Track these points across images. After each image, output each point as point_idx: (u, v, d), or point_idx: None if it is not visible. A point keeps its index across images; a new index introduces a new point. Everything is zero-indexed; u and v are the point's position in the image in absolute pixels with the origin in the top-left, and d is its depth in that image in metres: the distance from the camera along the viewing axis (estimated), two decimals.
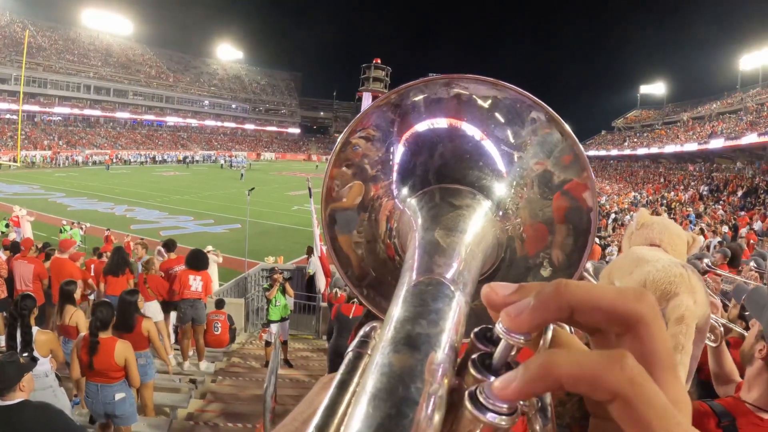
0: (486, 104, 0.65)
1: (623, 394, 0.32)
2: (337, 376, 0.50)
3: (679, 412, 0.33)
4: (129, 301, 6.33)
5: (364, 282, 0.73)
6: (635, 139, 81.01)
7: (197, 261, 9.51)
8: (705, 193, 40.60)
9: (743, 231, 22.89)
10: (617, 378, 0.32)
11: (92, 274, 10.08)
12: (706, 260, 5.86)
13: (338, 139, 0.69)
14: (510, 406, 0.35)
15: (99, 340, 5.29)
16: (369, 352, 0.53)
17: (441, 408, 0.36)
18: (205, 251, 10.85)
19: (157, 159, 79.95)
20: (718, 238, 19.33)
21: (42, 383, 5.14)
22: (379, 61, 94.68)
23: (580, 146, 0.62)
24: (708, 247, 17.06)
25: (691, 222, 27.73)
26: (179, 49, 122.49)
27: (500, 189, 0.65)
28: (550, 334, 0.38)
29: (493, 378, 0.36)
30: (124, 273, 9.11)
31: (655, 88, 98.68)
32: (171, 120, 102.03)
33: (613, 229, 31.01)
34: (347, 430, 0.33)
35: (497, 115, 0.64)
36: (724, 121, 58.71)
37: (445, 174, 0.66)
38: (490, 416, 0.35)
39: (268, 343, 10.13)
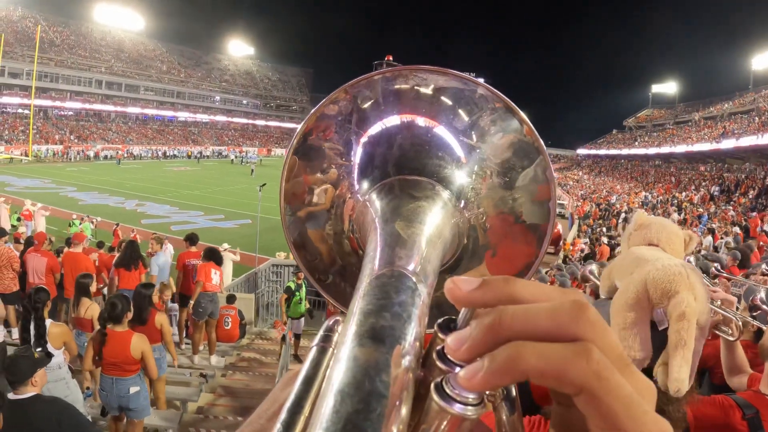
0: (444, 95, 0.65)
1: (589, 387, 0.32)
2: (302, 371, 0.49)
3: (644, 401, 0.33)
4: (144, 294, 6.39)
5: (327, 277, 0.73)
6: (646, 139, 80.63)
7: (216, 256, 9.63)
8: (716, 193, 40.36)
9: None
10: (583, 372, 0.32)
11: (103, 267, 10.14)
12: (716, 264, 5.87)
13: (295, 133, 0.69)
14: (476, 397, 0.35)
15: (108, 332, 5.33)
16: (333, 346, 0.52)
17: (408, 401, 0.36)
18: (221, 249, 10.93)
19: (167, 154, 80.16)
20: (728, 239, 19.24)
21: (55, 375, 5.20)
22: (390, 58, 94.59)
23: (538, 135, 0.62)
24: (717, 249, 17.00)
25: (701, 223, 27.59)
26: (190, 45, 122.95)
27: (460, 179, 0.64)
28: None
29: (458, 369, 0.36)
30: (137, 267, 9.16)
31: (667, 88, 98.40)
32: (182, 115, 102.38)
33: (623, 229, 30.86)
34: (314, 427, 0.32)
35: (455, 105, 0.64)
36: (736, 122, 58.31)
37: (404, 165, 0.66)
38: (457, 407, 0.34)
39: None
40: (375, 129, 0.68)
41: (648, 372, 1.63)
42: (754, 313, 3.31)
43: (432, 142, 0.66)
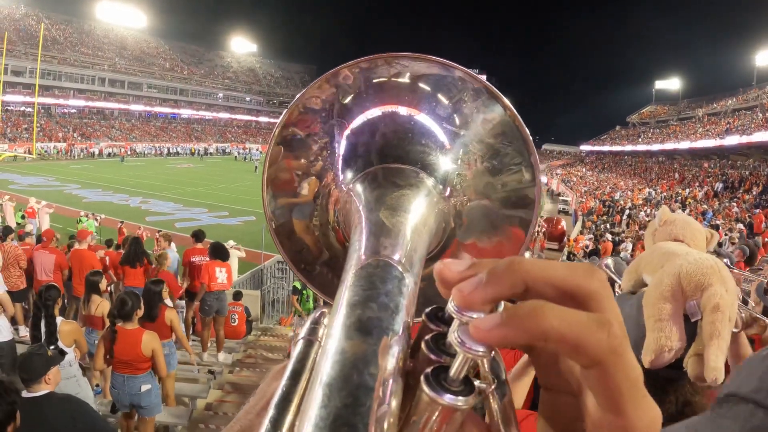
0: (426, 82, 0.65)
1: (605, 362, 0.32)
2: (289, 365, 0.48)
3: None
4: (154, 291, 6.39)
5: (314, 268, 0.72)
6: (650, 135, 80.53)
7: (221, 253, 9.61)
8: (720, 190, 40.31)
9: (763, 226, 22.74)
10: (602, 345, 0.31)
11: (109, 265, 10.17)
12: (725, 260, 5.86)
13: (277, 123, 0.69)
14: (468, 385, 0.35)
15: (117, 329, 5.35)
16: (319, 339, 0.51)
17: (398, 393, 0.35)
18: (227, 246, 10.94)
19: (171, 151, 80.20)
20: (733, 234, 19.22)
21: (66, 373, 5.21)
22: None
23: (521, 121, 0.61)
24: (721, 245, 16.98)
25: (705, 220, 27.57)
26: (193, 42, 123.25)
27: (445, 165, 0.64)
28: (501, 309, 0.36)
29: (447, 358, 0.36)
30: (142, 264, 9.18)
31: (670, 84, 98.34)
32: (185, 112, 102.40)
33: (627, 225, 30.88)
34: (303, 422, 0.32)
35: (438, 92, 0.64)
36: (740, 118, 58.19)
37: (387, 153, 0.65)
38: (447, 397, 0.34)
39: None
40: (357, 118, 0.67)
41: (678, 362, 1.65)
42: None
43: (415, 130, 0.65)
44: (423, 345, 0.38)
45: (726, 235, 20.06)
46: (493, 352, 0.36)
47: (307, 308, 11.05)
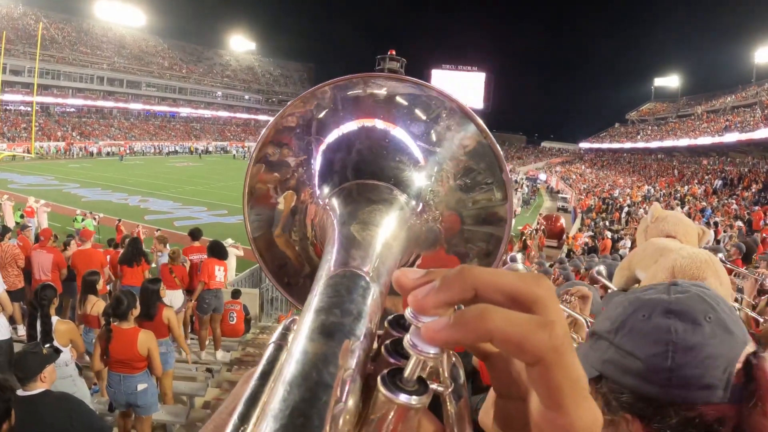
0: (401, 101, 0.67)
1: (546, 359, 0.33)
2: (258, 368, 0.50)
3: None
4: (152, 289, 6.39)
5: (297, 281, 0.73)
6: (649, 132, 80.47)
7: (219, 251, 9.62)
8: (719, 187, 40.29)
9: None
10: (544, 343, 0.33)
11: (109, 264, 10.18)
12: (720, 255, 5.88)
13: (258, 140, 0.71)
14: (421, 386, 0.36)
15: (113, 328, 5.34)
16: (289, 343, 0.52)
17: (356, 392, 0.37)
18: (226, 244, 10.93)
19: (170, 150, 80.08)
20: (731, 233, 19.23)
21: (62, 372, 5.21)
22: (393, 52, 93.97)
23: (493, 139, 0.63)
24: (719, 242, 16.98)
25: (704, 217, 27.56)
26: (192, 41, 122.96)
27: (418, 182, 0.65)
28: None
29: (404, 361, 0.38)
30: (140, 263, 9.19)
31: (670, 81, 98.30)
32: (184, 111, 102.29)
33: (626, 223, 30.86)
34: (264, 416, 0.33)
35: (412, 111, 0.66)
36: (739, 115, 58.16)
37: (362, 170, 0.67)
38: (402, 397, 0.36)
39: None
40: (333, 135, 0.69)
41: None
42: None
43: (389, 147, 0.66)
44: (383, 349, 0.40)
45: (725, 232, 20.07)
46: (454, 359, 0.39)
47: None
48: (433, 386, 0.38)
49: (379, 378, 0.37)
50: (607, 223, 31.24)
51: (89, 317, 6.88)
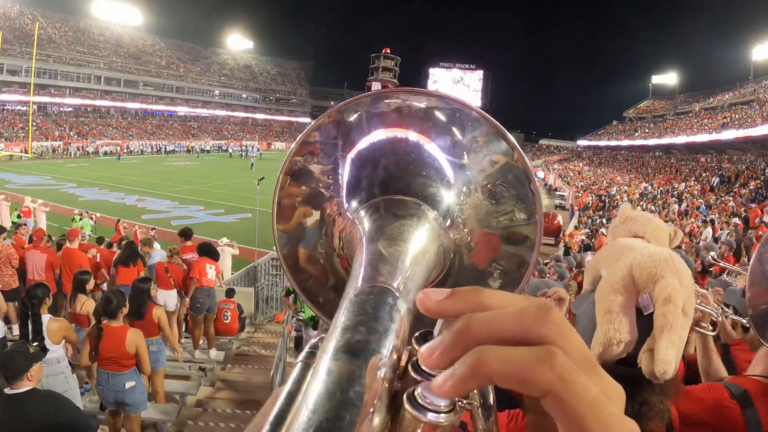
0: (427, 116, 0.67)
1: (554, 391, 0.33)
2: (286, 387, 0.51)
3: (611, 403, 0.34)
4: (142, 288, 6.41)
5: (328, 295, 0.74)
6: (646, 130, 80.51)
7: (211, 251, 9.67)
8: (716, 184, 40.32)
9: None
10: (547, 376, 0.33)
11: (104, 264, 10.19)
12: (712, 253, 5.92)
13: (285, 158, 0.71)
14: (448, 404, 0.36)
15: (103, 327, 5.36)
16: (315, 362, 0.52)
17: (381, 410, 0.37)
18: (221, 243, 10.94)
19: (167, 149, 79.99)
20: (729, 230, 19.24)
21: (54, 369, 5.27)
22: (388, 50, 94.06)
23: (525, 157, 0.63)
24: (717, 240, 17.01)
25: (701, 214, 27.58)
26: (189, 40, 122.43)
27: (447, 198, 0.66)
28: None
29: (432, 379, 0.37)
30: (136, 264, 9.21)
31: (667, 79, 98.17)
32: (181, 110, 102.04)
33: None
34: None
35: (438, 126, 0.66)
36: (736, 112, 58.18)
37: (389, 186, 0.67)
38: (430, 416, 0.36)
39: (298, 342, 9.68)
40: (361, 151, 0.69)
41: (633, 359, 1.64)
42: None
43: (416, 163, 0.67)
44: (409, 366, 0.40)
45: (721, 229, 20.09)
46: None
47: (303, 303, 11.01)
48: (462, 403, 0.37)
49: (405, 396, 0.37)
50: (604, 221, 31.24)
51: (78, 316, 6.89)
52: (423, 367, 0.39)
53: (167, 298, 8.85)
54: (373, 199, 0.67)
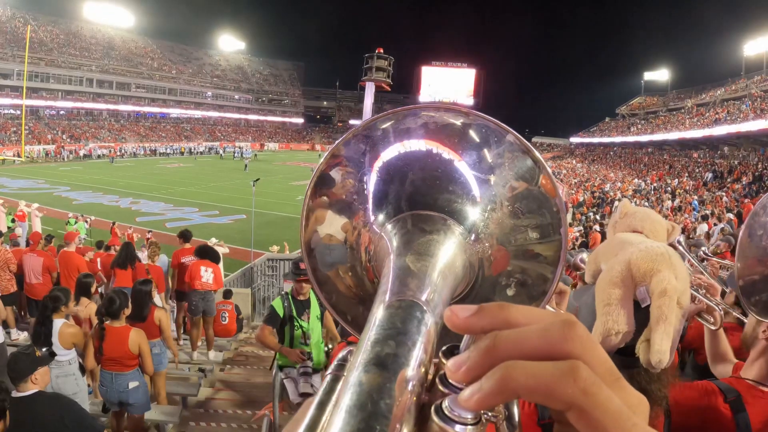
0: (454, 132, 0.69)
1: (578, 404, 0.34)
2: (316, 397, 0.52)
3: (635, 414, 0.35)
4: (143, 291, 6.42)
5: (349, 310, 0.76)
6: (639, 126, 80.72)
7: (208, 253, 9.68)
8: (709, 180, 40.50)
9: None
10: (571, 389, 0.34)
11: (99, 267, 10.22)
12: (703, 248, 5.98)
13: (313, 172, 0.73)
14: (474, 417, 0.37)
15: (106, 327, 5.40)
16: (345, 374, 0.53)
17: (410, 422, 0.38)
18: (210, 243, 10.96)
19: (160, 151, 79.84)
20: (722, 225, 19.33)
21: (64, 370, 5.35)
22: (381, 50, 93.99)
23: (554, 179, 0.65)
24: (711, 235, 17.08)
25: (694, 209, 27.71)
26: (181, 41, 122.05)
27: (472, 214, 0.67)
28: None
29: (459, 392, 0.39)
30: (133, 266, 9.24)
31: (659, 75, 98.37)
32: (174, 112, 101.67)
33: None
34: None
35: (465, 142, 0.68)
36: (729, 108, 58.40)
37: (416, 201, 0.68)
38: (457, 428, 0.37)
39: None
40: (389, 165, 0.71)
41: (631, 349, 1.71)
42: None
43: (443, 179, 0.68)
44: (437, 379, 0.42)
45: (715, 225, 20.19)
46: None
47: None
48: (487, 416, 0.39)
49: (432, 408, 0.39)
50: (598, 218, 31.35)
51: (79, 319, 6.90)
52: (450, 381, 0.40)
53: None
54: (400, 214, 0.68)
